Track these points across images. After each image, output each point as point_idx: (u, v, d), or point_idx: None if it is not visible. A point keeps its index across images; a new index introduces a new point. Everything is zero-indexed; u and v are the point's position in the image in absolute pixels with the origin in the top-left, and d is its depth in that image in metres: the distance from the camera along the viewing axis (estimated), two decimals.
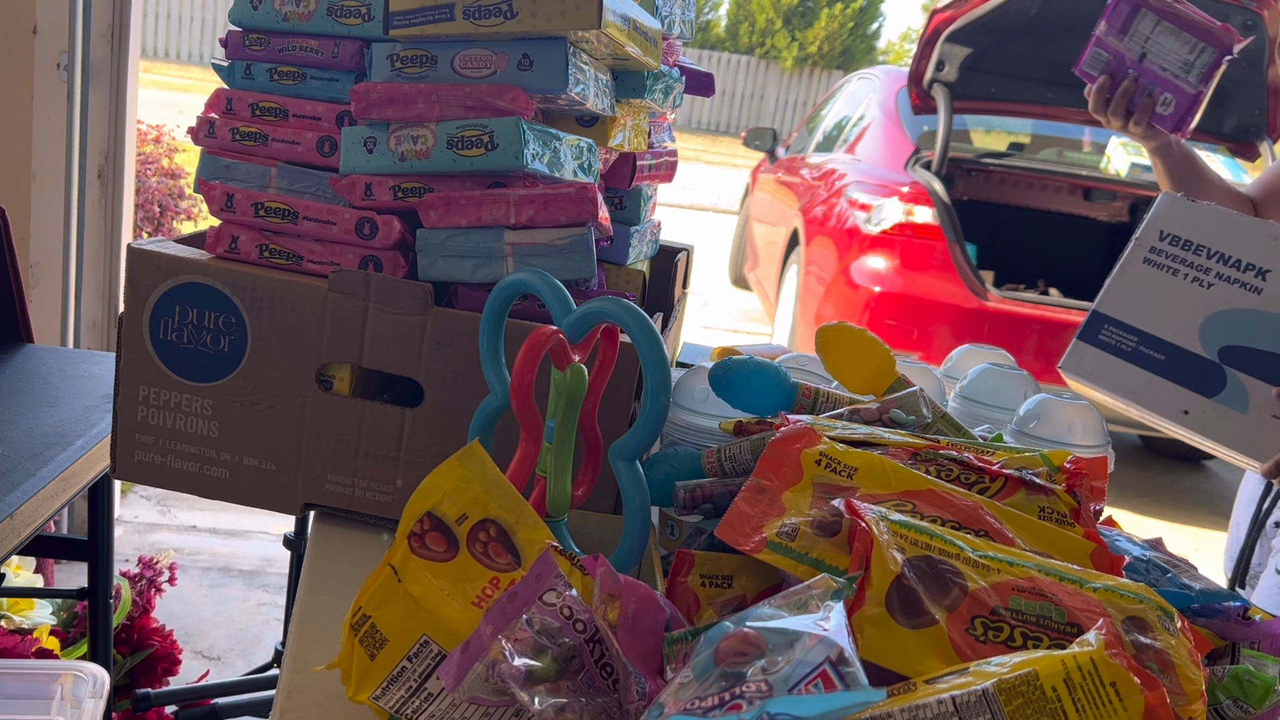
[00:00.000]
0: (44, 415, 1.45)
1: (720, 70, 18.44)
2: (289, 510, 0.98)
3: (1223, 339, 1.30)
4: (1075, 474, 0.66)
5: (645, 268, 1.22)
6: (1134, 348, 1.31)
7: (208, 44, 16.30)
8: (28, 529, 1.22)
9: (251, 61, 1.03)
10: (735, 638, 0.46)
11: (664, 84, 1.12)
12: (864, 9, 19.77)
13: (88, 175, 2.49)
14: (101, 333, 2.65)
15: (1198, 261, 1.32)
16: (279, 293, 0.94)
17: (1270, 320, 1.29)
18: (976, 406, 0.98)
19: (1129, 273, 1.34)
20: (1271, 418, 1.27)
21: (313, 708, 0.70)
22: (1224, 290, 1.31)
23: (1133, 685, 0.44)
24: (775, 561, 0.58)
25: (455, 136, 0.90)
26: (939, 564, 0.53)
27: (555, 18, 0.87)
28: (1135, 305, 1.33)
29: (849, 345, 0.83)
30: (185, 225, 3.94)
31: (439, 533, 0.65)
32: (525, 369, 0.72)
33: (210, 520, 2.94)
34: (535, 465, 0.77)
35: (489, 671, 0.53)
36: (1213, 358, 1.29)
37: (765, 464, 0.65)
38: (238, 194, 0.97)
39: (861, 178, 4.13)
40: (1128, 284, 1.34)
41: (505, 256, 0.92)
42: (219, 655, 2.36)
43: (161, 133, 4.13)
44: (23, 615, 1.96)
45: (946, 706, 0.44)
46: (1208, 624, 0.65)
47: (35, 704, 1.33)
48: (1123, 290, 1.34)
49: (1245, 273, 1.31)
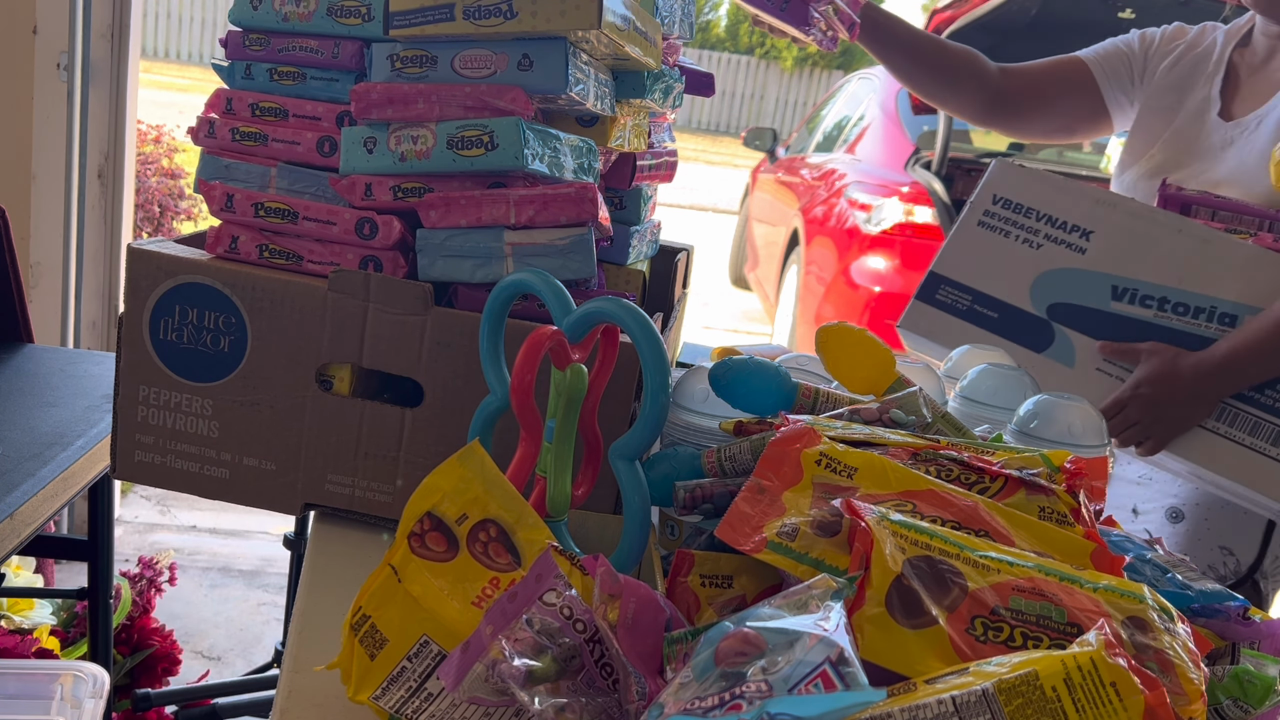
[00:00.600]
0: (44, 415, 1.45)
1: (720, 70, 18.43)
2: (289, 510, 0.98)
3: (1051, 297, 1.36)
4: (1075, 474, 0.66)
5: (645, 268, 1.22)
6: (969, 306, 1.38)
7: (208, 44, 16.30)
8: (28, 529, 1.22)
9: (251, 62, 1.03)
10: (735, 638, 0.46)
11: (664, 84, 1.12)
12: None
13: (88, 175, 2.49)
14: (101, 333, 2.65)
15: (1027, 224, 1.38)
16: (279, 293, 0.94)
17: (1093, 278, 1.35)
18: (976, 406, 0.98)
19: (964, 235, 1.40)
20: (1095, 370, 1.34)
21: (313, 708, 0.70)
22: (1052, 250, 1.37)
23: (1133, 685, 0.44)
24: (775, 561, 0.58)
25: (455, 136, 0.90)
26: (939, 564, 0.53)
27: (555, 18, 0.87)
28: (970, 266, 1.39)
29: (849, 345, 0.83)
30: (185, 225, 3.94)
31: (439, 533, 0.65)
32: (525, 369, 0.72)
33: (210, 520, 2.94)
34: (535, 465, 0.77)
35: (489, 671, 0.53)
36: (1042, 315, 1.35)
37: (765, 464, 0.65)
38: (238, 194, 0.97)
39: (861, 178, 4.13)
40: (963, 245, 1.40)
41: (505, 256, 0.92)
42: (219, 655, 2.36)
43: (161, 133, 4.13)
44: (23, 615, 1.96)
45: (946, 706, 0.44)
46: (1208, 624, 0.65)
47: (35, 704, 1.33)
48: (959, 251, 1.40)
49: (1071, 234, 1.36)
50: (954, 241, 1.40)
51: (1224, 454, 1.30)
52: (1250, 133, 1.43)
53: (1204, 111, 1.49)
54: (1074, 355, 1.34)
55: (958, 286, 1.37)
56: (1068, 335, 1.35)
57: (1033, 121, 1.64)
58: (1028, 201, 1.37)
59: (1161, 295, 1.32)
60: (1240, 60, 1.50)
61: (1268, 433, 1.29)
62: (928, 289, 1.39)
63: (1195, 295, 1.31)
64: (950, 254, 1.40)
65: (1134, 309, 1.33)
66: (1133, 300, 1.33)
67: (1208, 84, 1.50)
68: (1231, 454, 1.30)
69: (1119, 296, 1.33)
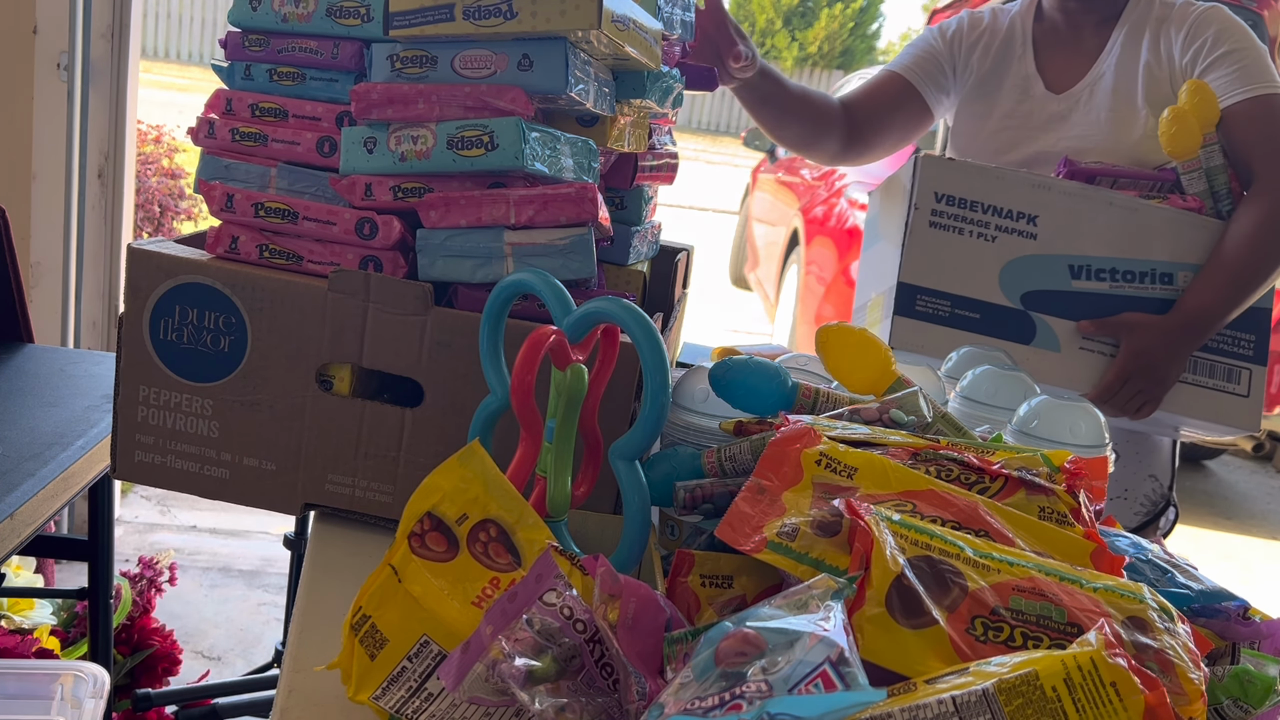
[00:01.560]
0: (44, 415, 1.46)
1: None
2: (289, 510, 0.98)
3: (1020, 286, 1.40)
4: (1075, 474, 0.66)
5: (645, 268, 1.22)
6: (950, 312, 1.39)
7: (208, 44, 16.30)
8: (28, 529, 1.22)
9: (251, 62, 1.03)
10: (735, 638, 0.46)
11: (664, 84, 1.12)
12: (864, 9, 19.77)
13: (88, 175, 2.49)
14: (101, 333, 2.65)
15: (975, 217, 1.39)
16: (279, 293, 0.94)
17: (1050, 261, 1.39)
18: (976, 406, 0.98)
19: (920, 238, 1.41)
20: (1079, 350, 1.39)
21: (313, 708, 0.70)
22: (1006, 240, 1.40)
23: (1133, 685, 0.44)
24: (775, 561, 0.58)
25: (455, 136, 0.90)
26: (939, 564, 0.53)
27: (555, 18, 0.87)
28: (937, 270, 1.40)
29: (849, 345, 0.83)
30: (185, 225, 3.94)
31: (439, 533, 0.65)
32: (525, 369, 0.72)
33: (210, 520, 2.94)
34: (535, 465, 0.77)
35: (489, 671, 0.53)
36: (1018, 306, 1.39)
37: (765, 464, 0.65)
38: (238, 194, 0.97)
39: (861, 178, 4.13)
40: (922, 250, 1.40)
41: (505, 256, 0.92)
42: (219, 655, 2.36)
43: (161, 133, 4.13)
44: (23, 615, 1.96)
45: (946, 706, 0.44)
46: (1208, 624, 0.65)
47: (35, 704, 1.33)
48: (919, 257, 1.40)
49: (1019, 221, 1.39)
50: (911, 247, 1.40)
51: (1193, 399, 1.41)
52: (1086, 100, 1.52)
53: (1027, 88, 1.57)
54: (1057, 340, 1.39)
55: (933, 294, 1.38)
56: (1046, 322, 1.38)
57: (878, 147, 1.72)
58: (970, 195, 1.39)
59: (1111, 266, 1.39)
60: (1040, 34, 1.58)
61: (1222, 371, 1.40)
62: (904, 302, 1.39)
63: (1137, 261, 1.39)
64: (912, 261, 1.40)
65: (1092, 284, 1.39)
66: (1089, 276, 1.39)
67: (1021, 63, 1.58)
68: (1199, 398, 1.41)
69: (1077, 274, 1.39)
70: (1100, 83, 1.51)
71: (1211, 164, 1.41)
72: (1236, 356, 1.42)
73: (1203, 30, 1.45)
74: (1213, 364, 1.41)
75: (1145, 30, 1.50)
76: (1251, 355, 1.42)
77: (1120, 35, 1.51)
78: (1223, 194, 1.42)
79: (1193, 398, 1.41)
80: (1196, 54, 1.44)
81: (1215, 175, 1.42)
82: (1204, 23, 1.45)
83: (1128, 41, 1.50)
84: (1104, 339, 1.38)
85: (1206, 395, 1.41)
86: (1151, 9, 1.51)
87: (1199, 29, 1.45)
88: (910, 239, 1.39)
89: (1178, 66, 1.46)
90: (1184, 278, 1.39)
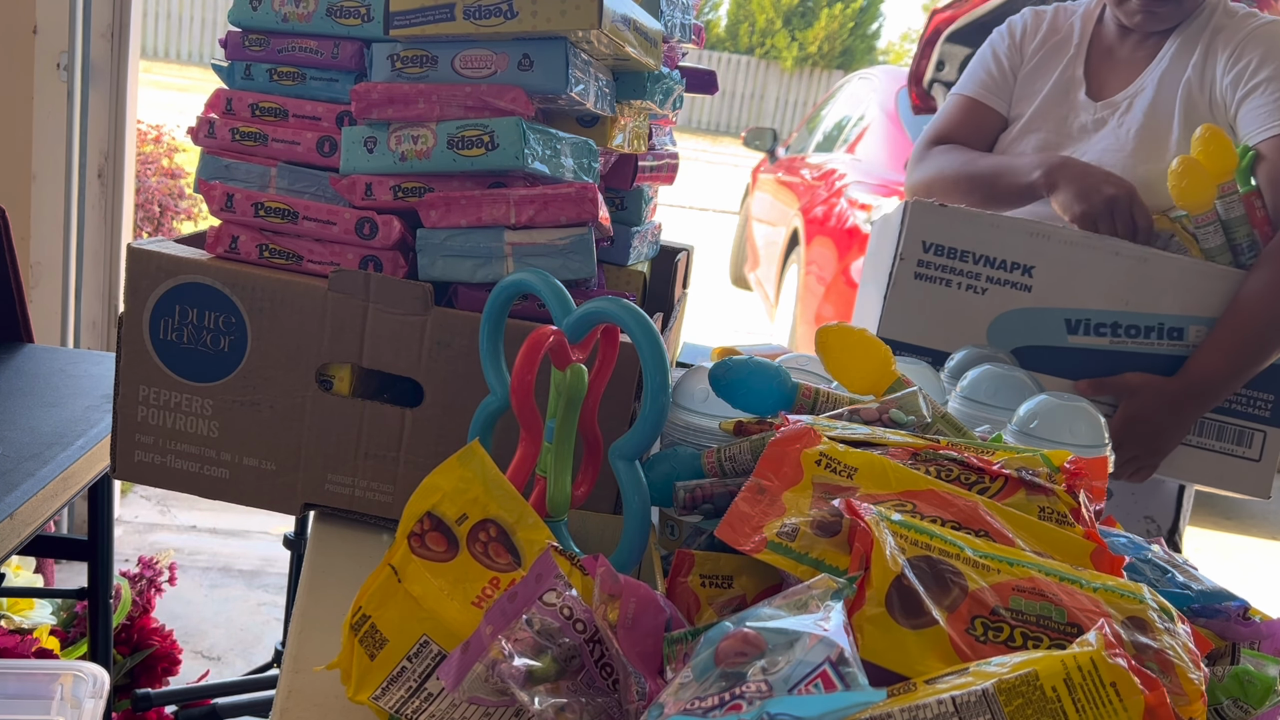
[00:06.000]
0: (44, 415, 1.46)
1: (720, 70, 18.34)
2: (289, 510, 0.98)
3: (1010, 342, 1.31)
4: (1075, 474, 0.66)
5: (646, 268, 1.22)
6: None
7: (208, 44, 16.29)
8: (28, 529, 1.22)
9: (251, 62, 1.03)
10: (735, 638, 0.46)
11: (664, 85, 1.12)
12: (864, 9, 19.76)
13: (88, 175, 2.49)
14: (101, 333, 2.65)
15: (965, 268, 1.30)
16: (279, 293, 0.94)
17: (1045, 315, 1.30)
18: (976, 407, 0.98)
19: (903, 291, 1.30)
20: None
21: (313, 708, 0.71)
22: (998, 293, 1.30)
23: (1133, 685, 0.44)
24: (775, 561, 0.58)
25: (455, 136, 0.90)
26: (939, 564, 0.53)
27: (555, 18, 0.87)
28: (919, 324, 1.30)
29: (849, 345, 0.83)
30: (185, 225, 3.94)
31: (439, 533, 0.65)
32: (525, 369, 0.72)
33: (210, 520, 2.94)
34: (535, 465, 0.77)
35: (489, 671, 0.53)
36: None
37: (765, 464, 0.65)
38: (238, 194, 0.97)
39: (861, 178, 4.13)
40: (905, 303, 1.30)
41: (505, 256, 0.92)
42: (219, 655, 2.36)
43: (161, 133, 4.13)
44: (23, 615, 1.96)
45: (946, 706, 0.44)
46: (1208, 624, 0.65)
47: (35, 704, 1.33)
48: (901, 310, 1.30)
49: (1013, 272, 1.30)
50: (894, 300, 1.30)
51: (1198, 463, 1.33)
52: (1122, 113, 1.44)
53: (1069, 90, 1.50)
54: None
55: (914, 350, 1.25)
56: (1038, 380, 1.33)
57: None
58: (961, 244, 1.29)
59: (1113, 321, 1.30)
60: (1099, 40, 1.52)
61: (1232, 434, 1.32)
62: None
63: (1143, 315, 1.29)
64: (892, 314, 1.30)
65: (1090, 339, 1.30)
66: (1088, 331, 1.30)
67: (1072, 65, 1.51)
68: (1205, 461, 1.33)
69: (1074, 329, 1.30)
70: (1140, 96, 1.42)
71: (1230, 215, 1.31)
72: (1251, 418, 1.32)
73: (1249, 50, 1.35)
74: (1221, 425, 1.32)
75: (1198, 43, 1.40)
76: (1268, 417, 1.32)
77: (1172, 47, 1.42)
78: (1243, 247, 1.32)
79: (1196, 462, 1.32)
80: (1238, 77, 1.35)
81: (1235, 228, 1.31)
82: (1253, 41, 1.35)
83: (1179, 54, 1.41)
84: (1103, 399, 1.30)
85: (1212, 459, 1.32)
86: (1211, 19, 1.40)
87: (1246, 48, 1.35)
88: (892, 291, 1.31)
89: (1218, 89, 1.36)
90: (1196, 332, 1.29)
